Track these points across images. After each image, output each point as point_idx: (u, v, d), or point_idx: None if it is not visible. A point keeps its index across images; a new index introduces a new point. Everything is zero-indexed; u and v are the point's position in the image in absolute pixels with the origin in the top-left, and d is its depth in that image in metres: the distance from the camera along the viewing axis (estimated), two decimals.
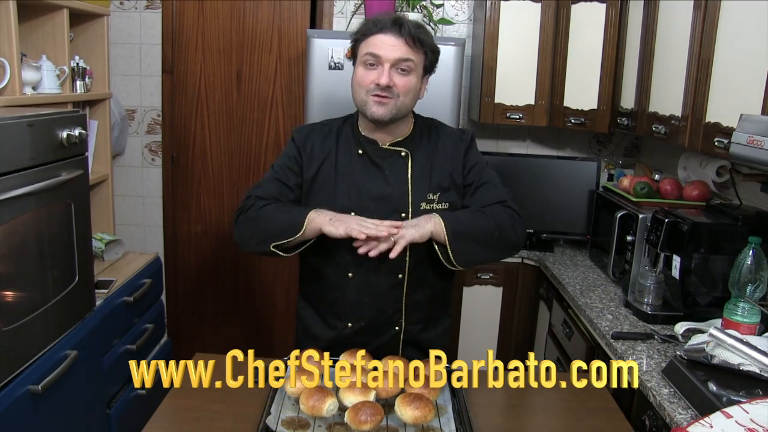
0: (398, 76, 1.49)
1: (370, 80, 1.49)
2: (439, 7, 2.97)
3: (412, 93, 1.52)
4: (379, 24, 1.49)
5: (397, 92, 1.49)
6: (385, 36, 1.48)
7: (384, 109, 1.49)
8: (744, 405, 1.13)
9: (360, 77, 1.52)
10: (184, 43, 3.08)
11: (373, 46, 1.49)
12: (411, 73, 1.50)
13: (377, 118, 1.51)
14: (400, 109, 1.51)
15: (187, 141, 3.17)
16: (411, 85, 1.51)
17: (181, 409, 1.38)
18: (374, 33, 1.49)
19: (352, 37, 1.56)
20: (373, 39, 1.49)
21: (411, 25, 1.49)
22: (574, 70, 2.71)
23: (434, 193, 1.56)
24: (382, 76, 1.47)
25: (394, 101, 1.49)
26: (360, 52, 1.53)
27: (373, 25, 1.50)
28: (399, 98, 1.50)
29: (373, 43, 1.49)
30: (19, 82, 2.06)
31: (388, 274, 1.57)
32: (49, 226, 1.85)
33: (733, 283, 1.63)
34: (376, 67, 1.49)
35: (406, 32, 1.47)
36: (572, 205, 2.85)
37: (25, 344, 1.72)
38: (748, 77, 1.65)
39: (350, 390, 1.29)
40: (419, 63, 1.51)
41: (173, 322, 3.32)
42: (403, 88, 1.49)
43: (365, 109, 1.52)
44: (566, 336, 2.26)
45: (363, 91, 1.51)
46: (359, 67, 1.53)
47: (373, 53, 1.48)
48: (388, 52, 1.47)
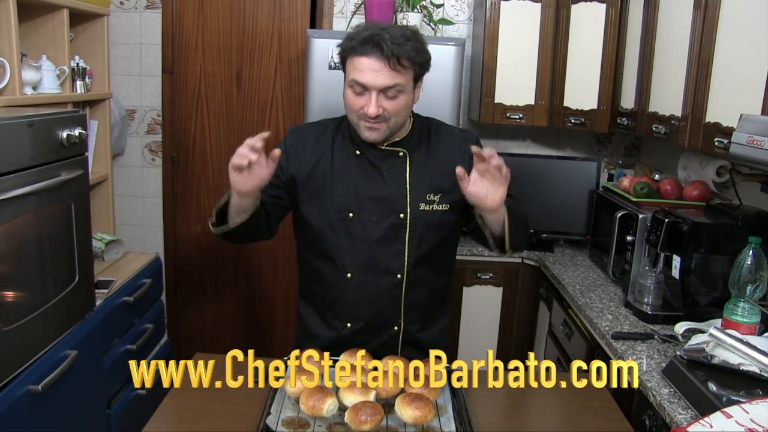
0: (387, 101, 1.44)
1: (359, 106, 1.45)
2: (439, 7, 2.97)
3: (404, 111, 1.49)
4: (360, 47, 1.41)
5: (388, 115, 1.46)
6: (368, 60, 1.40)
7: (376, 133, 1.48)
8: (744, 405, 1.14)
9: (350, 101, 1.47)
10: (184, 43, 3.08)
11: (358, 72, 1.42)
12: (400, 94, 1.45)
13: (371, 141, 1.50)
14: (392, 128, 1.50)
15: (187, 141, 3.17)
16: (402, 105, 1.47)
17: (181, 409, 1.38)
18: (356, 55, 1.42)
19: (339, 51, 1.49)
20: (356, 62, 1.43)
21: (393, 41, 1.39)
22: (574, 70, 2.71)
23: (435, 193, 1.56)
24: (370, 105, 1.43)
25: (385, 124, 1.47)
26: (347, 72, 1.47)
27: (357, 46, 1.42)
28: (391, 120, 1.47)
29: (357, 68, 1.42)
30: (19, 82, 2.06)
31: (386, 274, 1.57)
32: (49, 226, 1.85)
33: (733, 283, 1.63)
34: (363, 94, 1.44)
35: (389, 52, 1.39)
36: (572, 205, 2.85)
37: (25, 344, 1.72)
38: (748, 77, 1.65)
39: (350, 390, 1.29)
40: (408, 81, 1.45)
41: (173, 322, 3.32)
42: (394, 110, 1.46)
43: (358, 131, 1.50)
44: (566, 336, 2.26)
45: (354, 115, 1.48)
46: (348, 89, 1.47)
47: (358, 81, 1.42)
48: (373, 80, 1.41)
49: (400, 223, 1.54)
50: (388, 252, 1.55)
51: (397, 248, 1.55)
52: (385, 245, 1.55)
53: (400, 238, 1.55)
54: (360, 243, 1.55)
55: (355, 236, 1.55)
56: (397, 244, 1.55)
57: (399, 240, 1.55)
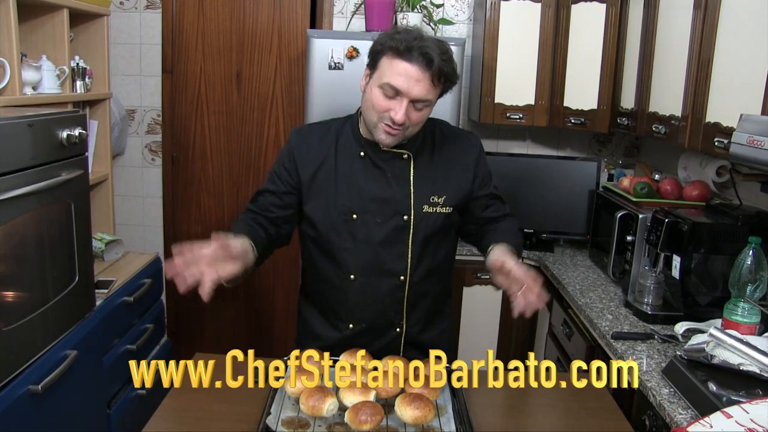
0: (414, 112, 1.43)
1: (385, 108, 1.42)
2: (439, 7, 2.97)
3: (423, 122, 1.50)
4: (406, 52, 1.38)
5: (409, 125, 1.45)
6: (411, 67, 1.37)
7: (392, 139, 1.47)
8: (744, 405, 1.13)
9: (376, 101, 1.42)
10: (184, 43, 3.08)
11: (396, 76, 1.38)
12: (427, 108, 1.45)
13: (384, 144, 1.50)
14: (407, 136, 1.50)
15: (187, 141, 3.17)
16: (424, 117, 1.47)
17: (181, 409, 1.38)
18: (399, 58, 1.39)
19: (373, 46, 1.45)
20: (396, 65, 1.39)
21: (441, 59, 1.38)
22: (574, 70, 2.71)
23: (438, 195, 1.56)
24: (398, 111, 1.40)
25: (403, 133, 1.46)
26: (381, 71, 1.42)
27: (402, 49, 1.38)
28: (408, 129, 1.47)
29: (397, 71, 1.38)
30: (19, 82, 2.06)
31: (389, 276, 1.56)
32: (49, 226, 1.85)
33: (733, 283, 1.63)
34: (394, 98, 1.41)
35: (436, 69, 1.38)
36: (572, 205, 2.84)
37: (25, 344, 1.72)
38: (748, 77, 1.65)
39: (350, 390, 1.29)
40: (436, 96, 1.45)
41: (173, 322, 3.32)
42: (416, 121, 1.45)
43: (374, 132, 1.48)
44: (566, 336, 2.26)
45: (376, 115, 1.44)
46: (376, 88, 1.42)
47: (393, 85, 1.39)
48: (411, 89, 1.38)
49: (403, 224, 1.54)
50: (391, 254, 1.55)
51: (400, 250, 1.55)
52: (389, 247, 1.54)
53: (403, 240, 1.54)
54: (363, 244, 1.55)
55: (359, 237, 1.54)
56: (400, 245, 1.55)
57: (402, 242, 1.55)
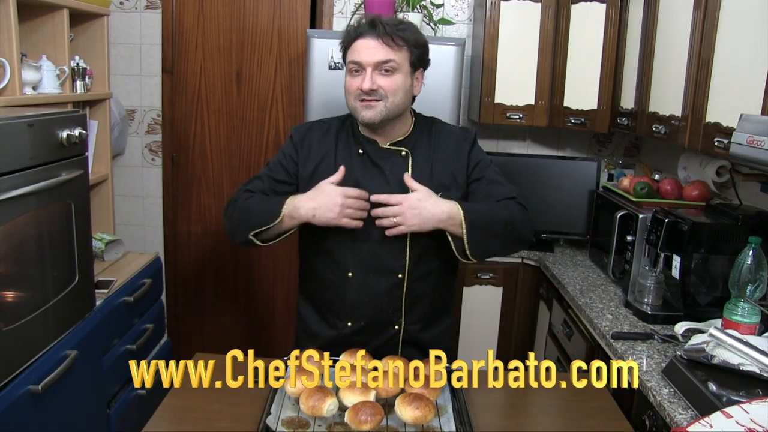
0: (382, 78, 1.49)
1: (355, 86, 1.51)
2: (439, 7, 2.97)
3: (401, 92, 1.52)
4: (357, 29, 1.51)
5: (384, 93, 1.49)
6: (364, 40, 1.50)
7: (372, 111, 1.50)
8: (744, 405, 1.14)
9: (347, 85, 1.54)
10: (184, 43, 3.08)
11: (355, 52, 1.51)
12: (396, 72, 1.50)
13: (367, 121, 1.52)
14: (390, 109, 1.51)
15: (187, 141, 3.17)
16: (397, 85, 1.51)
17: (181, 409, 1.38)
18: (354, 39, 1.51)
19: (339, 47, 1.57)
20: (354, 45, 1.52)
21: (387, 23, 1.49)
22: (574, 70, 2.71)
23: (436, 192, 1.56)
24: (365, 80, 1.48)
25: (382, 103, 1.50)
26: (346, 61, 1.55)
27: (352, 32, 1.52)
28: (387, 99, 1.50)
29: (355, 49, 1.51)
30: (19, 82, 2.06)
31: (387, 273, 1.57)
32: (49, 226, 1.85)
33: (733, 283, 1.63)
34: (360, 73, 1.50)
35: (382, 31, 1.48)
36: (572, 205, 2.85)
37: (25, 344, 1.72)
38: (748, 77, 1.65)
39: (350, 390, 1.29)
40: (403, 60, 1.51)
41: (173, 322, 3.32)
42: (389, 88, 1.50)
43: (356, 115, 1.54)
44: (566, 336, 2.26)
45: (351, 98, 1.53)
46: (347, 75, 1.54)
47: (354, 60, 1.50)
48: (367, 56, 1.48)
49: None
50: (389, 251, 1.56)
51: (398, 247, 1.56)
52: (387, 244, 1.55)
53: (401, 238, 1.55)
54: (361, 242, 1.55)
55: (357, 235, 1.55)
56: (398, 243, 1.55)
57: (401, 239, 1.55)
